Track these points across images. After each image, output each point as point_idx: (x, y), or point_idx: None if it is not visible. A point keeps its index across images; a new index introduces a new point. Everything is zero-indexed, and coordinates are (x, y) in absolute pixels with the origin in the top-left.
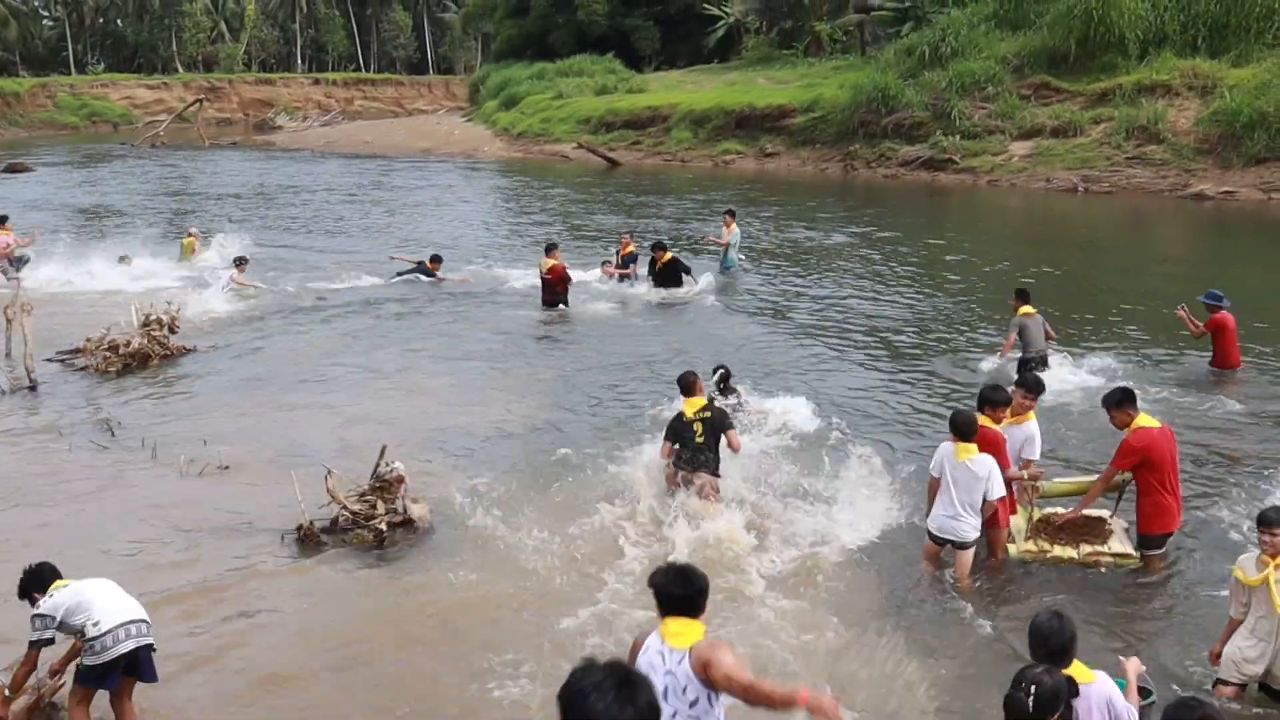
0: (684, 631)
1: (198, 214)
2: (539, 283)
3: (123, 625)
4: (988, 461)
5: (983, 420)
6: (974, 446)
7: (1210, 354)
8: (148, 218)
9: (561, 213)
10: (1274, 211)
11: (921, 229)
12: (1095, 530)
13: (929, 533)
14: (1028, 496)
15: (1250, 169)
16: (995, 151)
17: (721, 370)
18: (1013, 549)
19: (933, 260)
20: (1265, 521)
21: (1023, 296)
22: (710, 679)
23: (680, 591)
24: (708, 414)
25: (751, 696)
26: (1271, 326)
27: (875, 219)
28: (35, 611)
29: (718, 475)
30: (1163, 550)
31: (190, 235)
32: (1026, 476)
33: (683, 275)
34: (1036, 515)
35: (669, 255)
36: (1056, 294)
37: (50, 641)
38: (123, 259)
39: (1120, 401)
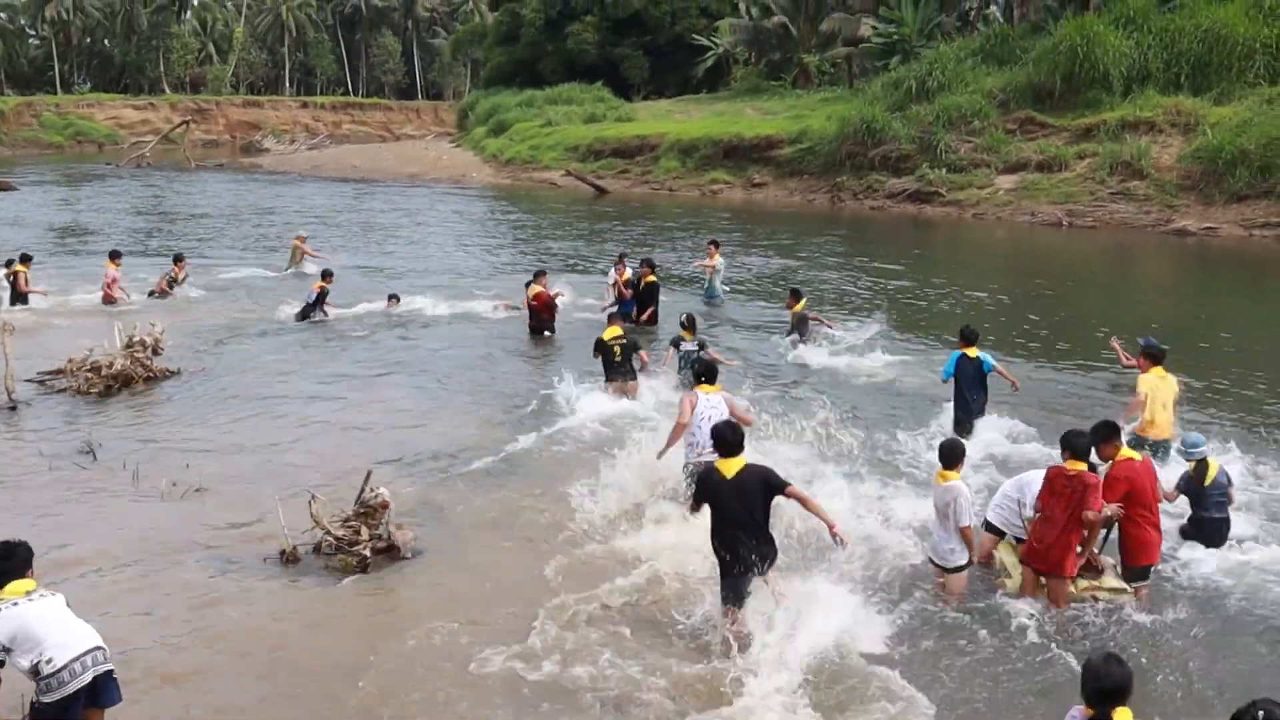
0: (712, 388)
1: (183, 235)
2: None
3: (78, 659)
4: (953, 488)
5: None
6: (952, 473)
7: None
8: (133, 236)
9: (548, 239)
10: (1255, 248)
11: (906, 260)
12: (1087, 566)
13: (929, 557)
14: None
15: (1232, 206)
16: (981, 185)
17: (687, 315)
18: (1011, 584)
19: (910, 290)
20: None
21: (796, 295)
22: (731, 411)
23: (706, 372)
24: (623, 340)
25: (745, 421)
26: (1229, 356)
27: (862, 250)
28: None
29: (635, 380)
30: (1147, 582)
31: (299, 238)
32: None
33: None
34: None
35: (653, 277)
36: (1025, 321)
37: (0, 664)
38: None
39: (1107, 436)
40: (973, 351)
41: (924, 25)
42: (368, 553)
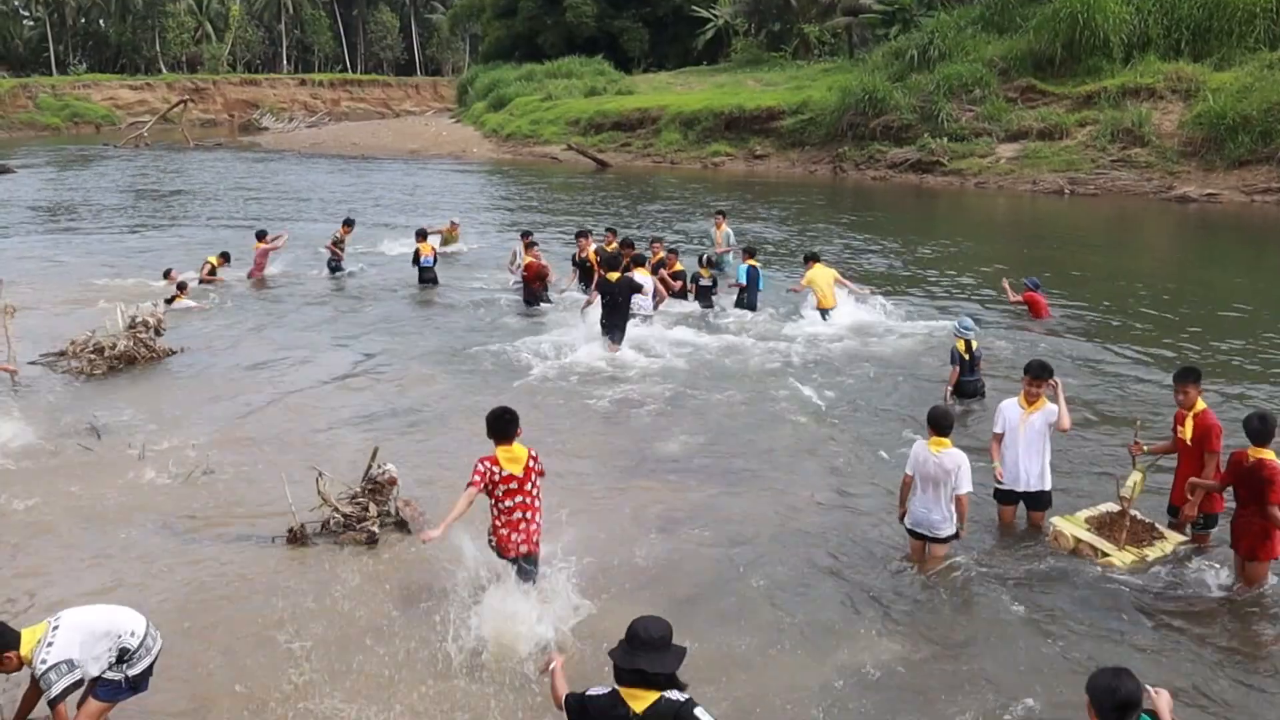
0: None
1: (186, 210)
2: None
3: (149, 627)
4: (957, 455)
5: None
6: (947, 440)
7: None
8: (138, 215)
9: (550, 212)
10: (1256, 214)
11: (908, 229)
12: (1141, 524)
13: (908, 529)
14: (1125, 505)
15: (1233, 171)
16: (982, 154)
17: (707, 256)
18: (1117, 560)
19: (912, 259)
20: None
21: (585, 234)
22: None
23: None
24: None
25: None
26: (1228, 322)
27: (865, 220)
28: (50, 664)
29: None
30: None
31: (453, 224)
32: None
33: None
34: (1084, 518)
35: (662, 254)
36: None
37: (81, 684)
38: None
39: (1199, 379)
40: (755, 261)
41: None
42: (376, 529)
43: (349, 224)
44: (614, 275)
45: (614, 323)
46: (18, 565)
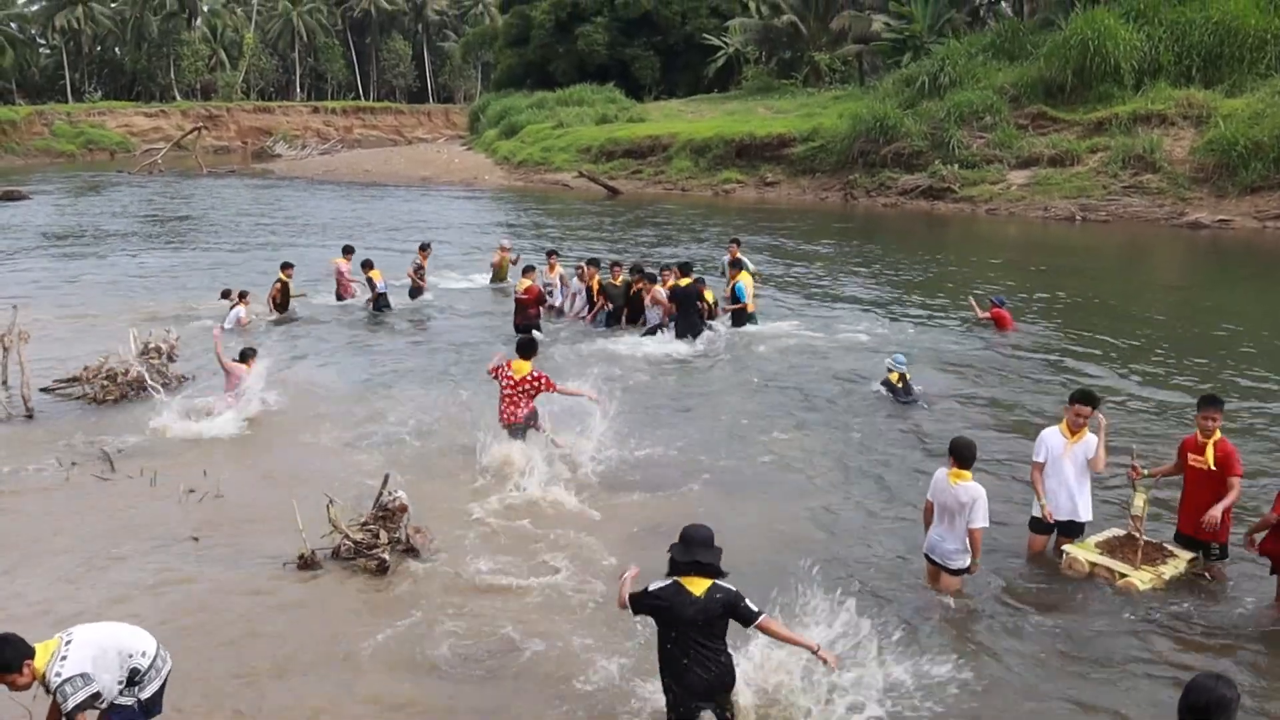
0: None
1: (199, 235)
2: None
3: (159, 648)
4: (973, 489)
5: None
6: (967, 473)
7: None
8: (151, 240)
9: (551, 238)
10: (1269, 240)
11: (915, 253)
12: (1151, 544)
13: (925, 554)
14: (1135, 527)
15: (1245, 198)
16: (993, 180)
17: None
18: (1135, 579)
19: (912, 280)
20: None
21: (425, 249)
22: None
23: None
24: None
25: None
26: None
27: (874, 247)
28: (65, 677)
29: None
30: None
31: (503, 250)
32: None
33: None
34: (1094, 543)
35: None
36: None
37: (97, 698)
38: None
39: (1223, 406)
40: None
41: (935, 21)
42: (386, 556)
43: (425, 247)
44: (685, 281)
45: (688, 324)
46: (28, 586)
